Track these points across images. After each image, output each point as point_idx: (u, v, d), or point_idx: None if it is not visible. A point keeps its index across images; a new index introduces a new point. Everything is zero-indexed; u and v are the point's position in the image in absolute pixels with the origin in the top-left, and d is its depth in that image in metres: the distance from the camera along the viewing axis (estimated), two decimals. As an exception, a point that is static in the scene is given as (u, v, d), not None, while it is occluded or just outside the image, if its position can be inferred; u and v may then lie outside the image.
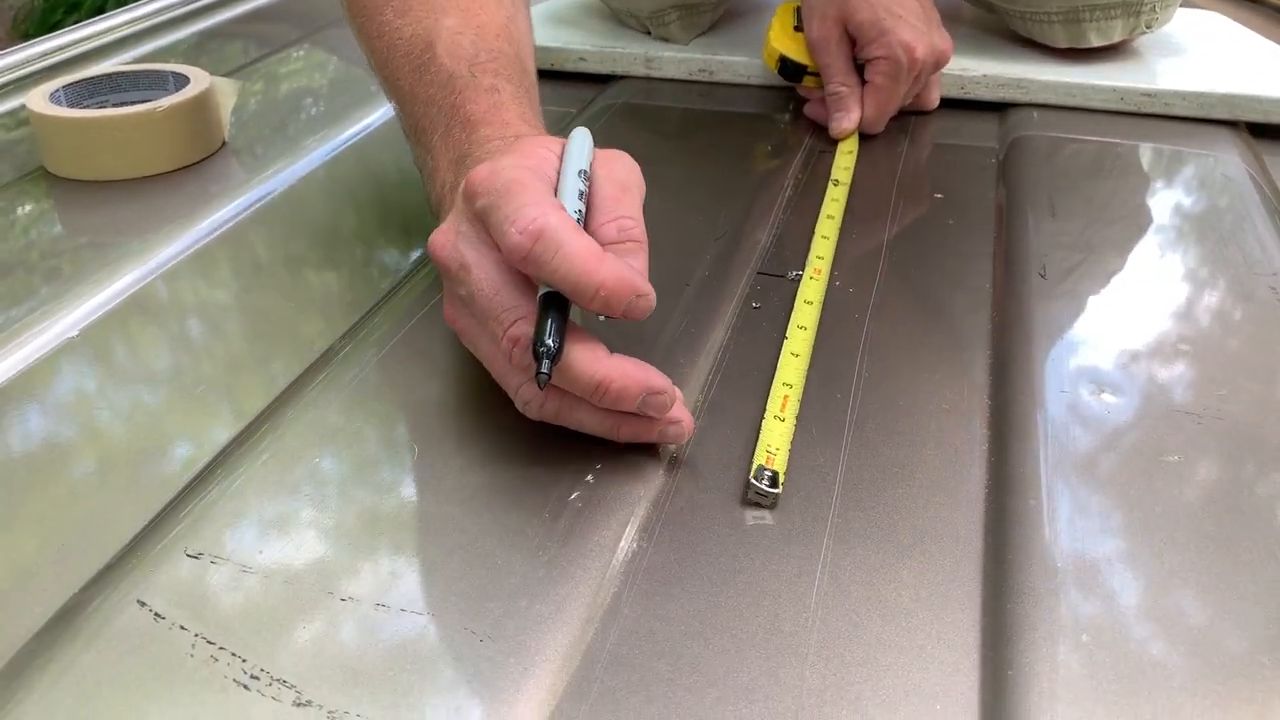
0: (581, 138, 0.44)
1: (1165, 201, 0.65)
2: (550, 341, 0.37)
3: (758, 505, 0.40)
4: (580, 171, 0.42)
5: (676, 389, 0.40)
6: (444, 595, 0.35)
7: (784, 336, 0.49)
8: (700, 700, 0.32)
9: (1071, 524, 0.39)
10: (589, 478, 0.41)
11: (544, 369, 0.37)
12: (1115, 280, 0.56)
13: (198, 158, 0.68)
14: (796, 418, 0.44)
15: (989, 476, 0.42)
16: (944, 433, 0.44)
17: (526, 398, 0.41)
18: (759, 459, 0.41)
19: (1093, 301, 0.54)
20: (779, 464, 0.41)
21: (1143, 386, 0.47)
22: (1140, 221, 0.62)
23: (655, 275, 0.40)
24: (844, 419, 0.45)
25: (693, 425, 0.41)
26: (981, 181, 0.68)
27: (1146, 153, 0.72)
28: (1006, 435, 0.44)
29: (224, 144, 0.71)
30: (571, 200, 0.41)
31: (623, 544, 0.38)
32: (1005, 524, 0.39)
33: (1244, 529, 0.38)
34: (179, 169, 0.67)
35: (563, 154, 0.44)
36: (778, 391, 0.46)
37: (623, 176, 0.43)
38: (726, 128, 0.76)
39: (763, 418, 0.44)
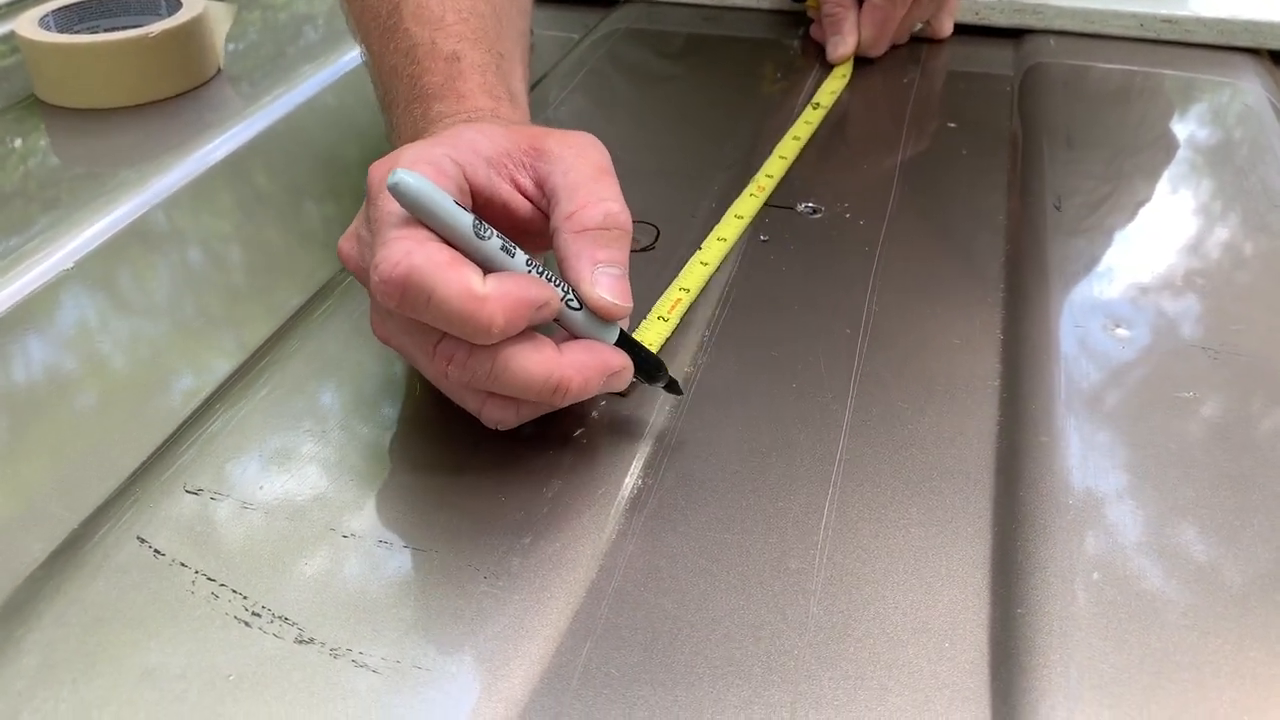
0: (405, 179, 0.33)
1: (1184, 132, 0.63)
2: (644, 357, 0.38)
3: (681, 391, 0.40)
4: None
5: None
6: (447, 532, 0.35)
7: (698, 247, 0.49)
8: (706, 637, 0.32)
9: (1083, 460, 0.38)
10: (594, 414, 0.40)
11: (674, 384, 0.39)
12: (1132, 213, 0.54)
13: (192, 85, 0.67)
14: (680, 320, 0.44)
15: (1000, 412, 0.41)
16: (955, 368, 0.43)
17: (495, 417, 0.36)
18: None
19: (1108, 235, 0.52)
20: None
21: (1157, 321, 0.46)
22: (1159, 152, 0.61)
23: (661, 206, 0.39)
24: (853, 353, 0.44)
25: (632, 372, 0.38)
26: (996, 110, 0.66)
27: (1166, 81, 0.70)
28: (1019, 370, 0.43)
29: (219, 71, 0.69)
30: (465, 230, 0.34)
31: (628, 480, 0.37)
32: (1016, 460, 0.38)
33: (1258, 466, 0.38)
34: (173, 97, 0.66)
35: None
36: (671, 294, 0.45)
37: (597, 158, 0.38)
38: (734, 53, 0.74)
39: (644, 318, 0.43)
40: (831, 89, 0.67)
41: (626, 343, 0.38)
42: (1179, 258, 0.50)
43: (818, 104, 0.64)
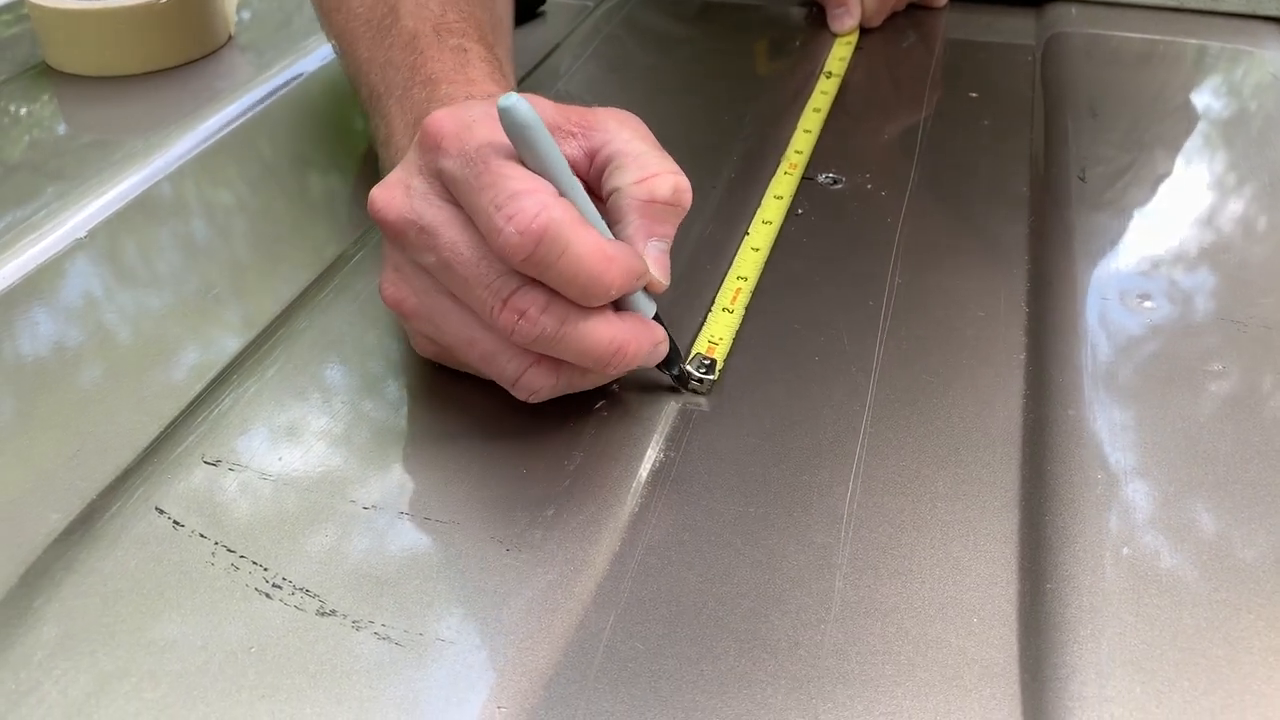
0: (520, 104, 0.32)
1: (1210, 102, 0.62)
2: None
3: (694, 393, 0.39)
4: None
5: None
6: (468, 504, 0.34)
7: (746, 231, 0.48)
8: (731, 611, 0.31)
9: (1112, 434, 0.37)
10: (614, 386, 0.39)
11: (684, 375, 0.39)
12: (1157, 184, 0.54)
13: (202, 53, 0.66)
14: (746, 309, 0.44)
15: (1027, 385, 0.40)
16: (980, 340, 0.42)
17: (534, 385, 0.35)
18: (699, 348, 0.41)
19: (1134, 206, 0.52)
20: (719, 354, 0.41)
21: (1185, 293, 0.45)
22: (1184, 123, 0.60)
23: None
24: (877, 326, 0.43)
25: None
26: (1018, 80, 0.65)
27: (1191, 51, 0.69)
28: (1045, 343, 0.42)
29: (230, 39, 0.69)
30: (564, 173, 0.34)
31: (649, 453, 0.37)
32: (1044, 434, 0.38)
33: (1291, 441, 0.37)
34: (183, 64, 0.65)
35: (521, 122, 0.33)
36: (730, 284, 0.45)
37: (648, 133, 0.37)
38: (751, 19, 0.73)
39: (710, 309, 0.43)
40: (840, 56, 0.66)
41: (658, 321, 0.38)
42: (1204, 229, 0.49)
43: (830, 73, 0.63)
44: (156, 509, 0.34)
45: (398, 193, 0.35)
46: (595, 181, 0.37)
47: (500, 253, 0.32)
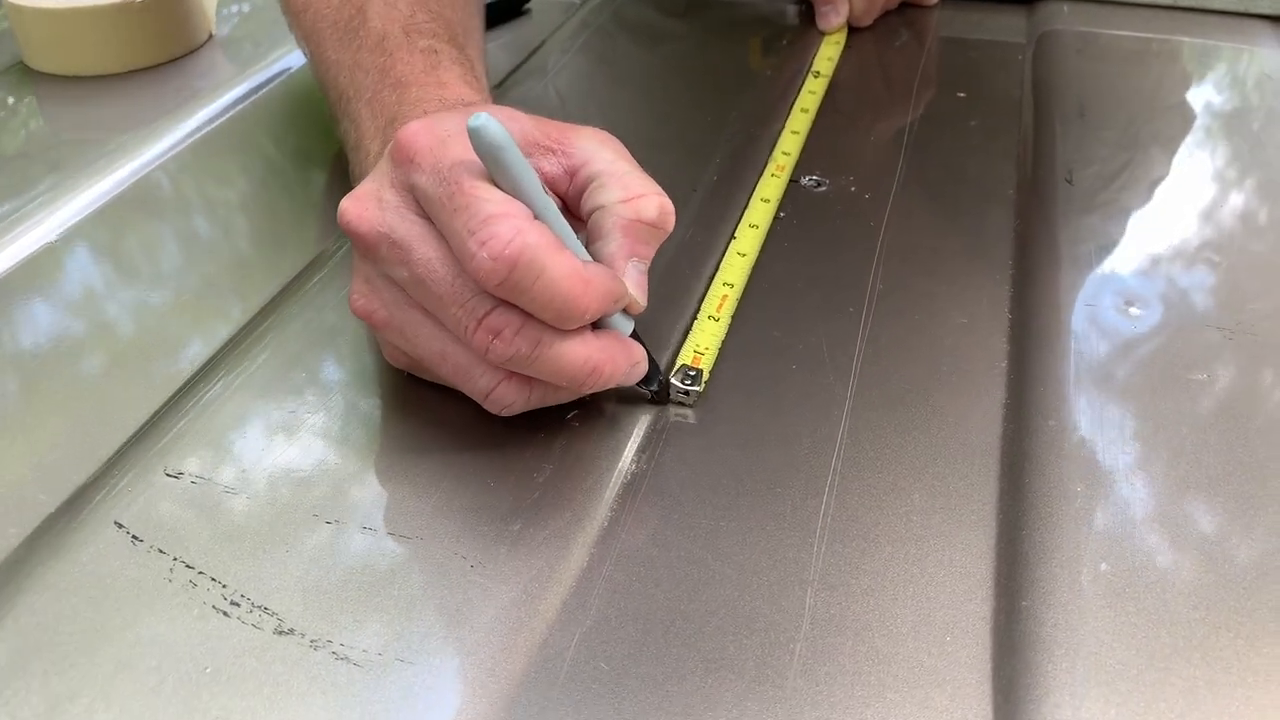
0: (491, 124, 0.31)
1: (1202, 103, 0.61)
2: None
3: (680, 405, 0.39)
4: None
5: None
6: (433, 518, 0.34)
7: (732, 236, 0.47)
8: (699, 630, 0.31)
9: (1093, 446, 0.37)
10: (588, 396, 0.39)
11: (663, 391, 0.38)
12: (1146, 186, 0.53)
13: (183, 51, 0.65)
14: (732, 318, 0.43)
15: (1008, 395, 0.39)
16: (961, 348, 0.42)
17: (506, 400, 0.35)
18: (684, 358, 0.40)
19: (1121, 209, 0.51)
20: (705, 364, 0.40)
21: (1172, 299, 0.44)
22: (1176, 123, 0.59)
23: (661, 177, 0.37)
24: (857, 333, 0.42)
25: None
26: (1007, 79, 0.64)
27: (1183, 49, 0.68)
28: (1027, 351, 0.41)
29: (210, 37, 0.68)
30: (538, 194, 0.33)
31: (621, 465, 0.36)
32: (1024, 445, 0.37)
33: (1274, 453, 0.36)
34: (164, 63, 0.64)
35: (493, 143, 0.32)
36: (716, 290, 0.44)
37: (628, 154, 0.37)
38: (741, 15, 0.72)
39: (695, 317, 0.42)
40: (828, 55, 0.65)
41: (636, 338, 0.37)
42: (1194, 233, 0.49)
43: (818, 72, 0.63)
44: (115, 523, 0.33)
45: (369, 205, 0.34)
46: (575, 200, 0.37)
47: (474, 277, 0.32)
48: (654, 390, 0.38)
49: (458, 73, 0.42)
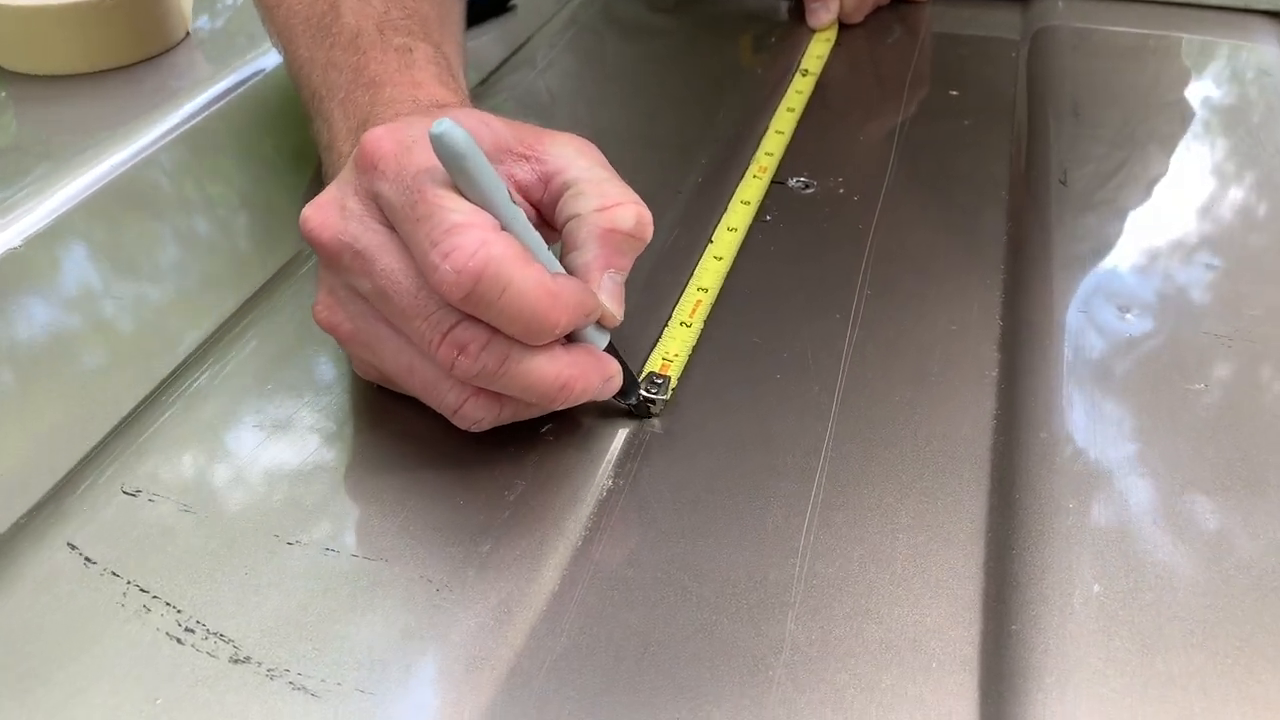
0: (453, 131, 0.30)
1: (1199, 99, 0.60)
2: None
3: (645, 414, 0.37)
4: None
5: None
6: (399, 539, 0.32)
7: (709, 240, 0.46)
8: (675, 657, 0.29)
9: (1086, 460, 0.35)
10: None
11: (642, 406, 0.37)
12: (1142, 186, 0.52)
13: (158, 50, 0.64)
14: (705, 322, 0.42)
15: (998, 405, 0.38)
16: (951, 356, 0.40)
17: (475, 416, 0.33)
18: (652, 365, 0.39)
19: (1116, 211, 0.49)
20: (673, 371, 0.39)
21: (1168, 303, 0.43)
22: (1172, 121, 0.58)
23: (644, 179, 0.36)
24: (843, 340, 0.41)
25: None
26: (1001, 77, 0.63)
27: (1181, 45, 0.66)
28: (1019, 359, 0.40)
29: (187, 35, 0.66)
30: (505, 203, 0.32)
31: (597, 482, 0.35)
32: (1014, 459, 0.36)
33: (1273, 469, 0.35)
34: (138, 62, 0.63)
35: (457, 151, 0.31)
36: (690, 295, 0.42)
37: (605, 161, 0.36)
38: (730, 11, 0.71)
39: (667, 323, 0.41)
40: (817, 53, 0.63)
41: (615, 352, 0.36)
42: (1191, 237, 0.47)
43: (806, 70, 0.61)
44: (69, 544, 0.32)
45: (332, 213, 0.33)
46: (549, 208, 0.35)
47: (437, 290, 0.30)
48: (632, 404, 0.37)
49: (433, 72, 0.40)
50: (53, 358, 0.41)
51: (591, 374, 0.34)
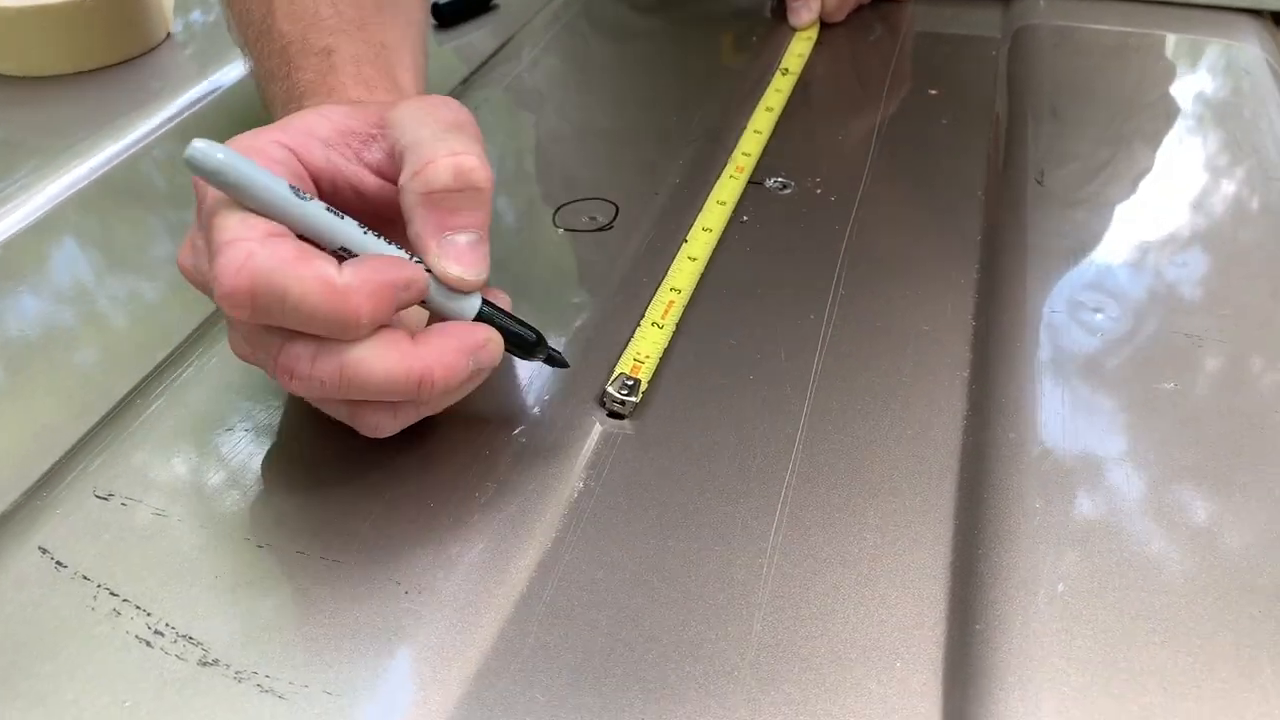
0: (200, 150, 0.29)
1: (1179, 100, 0.60)
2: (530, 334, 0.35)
3: (615, 415, 0.37)
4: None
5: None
6: (368, 541, 0.33)
7: (684, 240, 0.46)
8: (641, 657, 0.30)
9: (1054, 460, 0.36)
10: (535, 410, 0.38)
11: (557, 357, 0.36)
12: (1120, 188, 0.52)
13: (138, 51, 0.64)
14: (680, 325, 0.42)
15: (969, 406, 0.38)
16: (923, 357, 0.41)
17: (371, 424, 0.32)
18: (623, 366, 0.39)
19: (1094, 210, 0.50)
20: (644, 373, 0.39)
21: (1140, 305, 0.43)
22: (1152, 120, 0.58)
23: (622, 179, 0.36)
24: (816, 342, 0.41)
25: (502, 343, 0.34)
26: (981, 76, 0.63)
27: (1162, 43, 0.67)
28: (990, 360, 0.40)
29: (169, 36, 0.66)
30: (290, 205, 0.30)
31: (567, 484, 0.35)
32: (983, 460, 0.36)
33: (1240, 468, 0.35)
34: (119, 63, 0.63)
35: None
36: (663, 296, 0.43)
37: (448, 114, 0.33)
38: (712, 11, 0.71)
39: (639, 324, 0.41)
40: (798, 52, 0.64)
41: (492, 315, 0.34)
42: (1164, 237, 0.47)
43: (786, 69, 0.61)
44: (40, 548, 0.32)
45: (186, 250, 0.33)
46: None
47: (232, 316, 0.30)
48: (544, 359, 0.36)
49: (350, 74, 0.39)
50: (29, 359, 0.41)
51: (449, 355, 0.31)
